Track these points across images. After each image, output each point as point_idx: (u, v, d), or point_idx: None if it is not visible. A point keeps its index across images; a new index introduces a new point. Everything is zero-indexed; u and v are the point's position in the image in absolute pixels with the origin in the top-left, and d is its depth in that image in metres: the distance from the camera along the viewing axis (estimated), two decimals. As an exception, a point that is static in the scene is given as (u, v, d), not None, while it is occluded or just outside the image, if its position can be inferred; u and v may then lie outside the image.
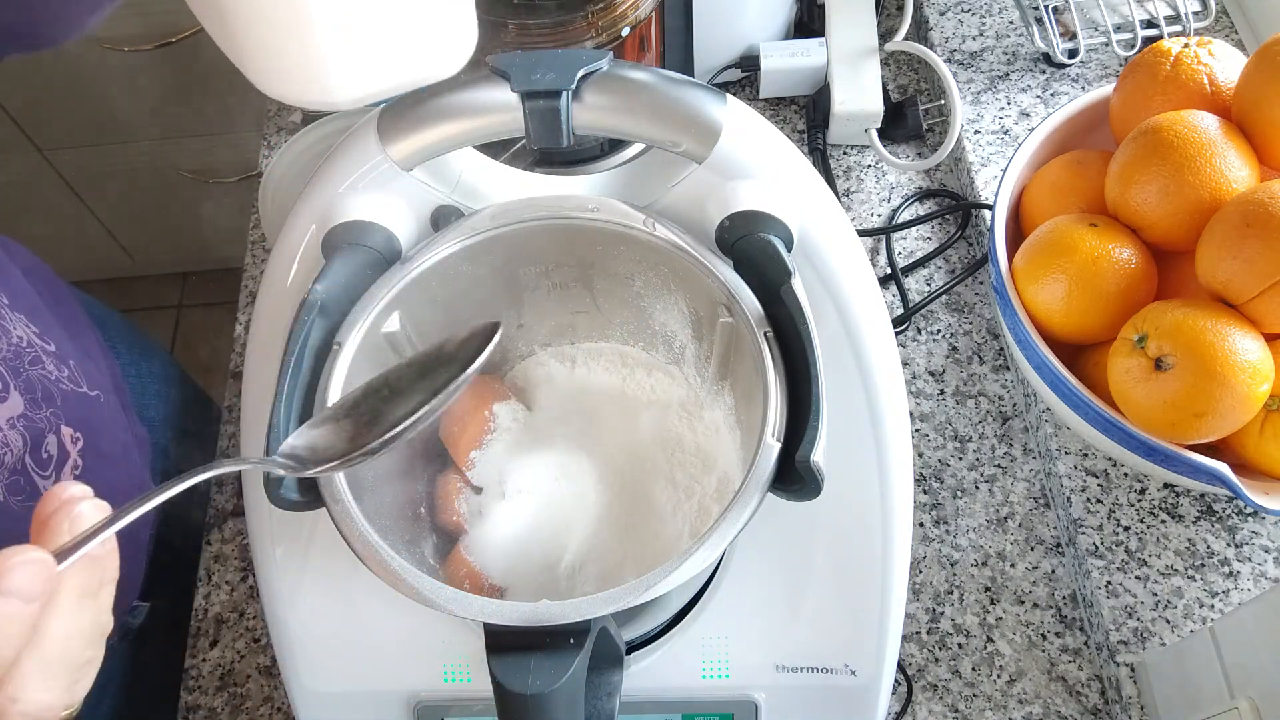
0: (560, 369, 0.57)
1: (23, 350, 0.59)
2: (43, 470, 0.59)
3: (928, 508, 0.70)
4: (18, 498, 0.56)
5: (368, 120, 0.47)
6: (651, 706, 0.55)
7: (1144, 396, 0.57)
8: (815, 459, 0.39)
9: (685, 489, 0.52)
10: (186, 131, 1.51)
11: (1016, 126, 0.84)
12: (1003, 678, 0.65)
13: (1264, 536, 0.64)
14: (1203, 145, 0.59)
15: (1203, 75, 0.64)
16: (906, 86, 0.91)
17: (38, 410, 0.59)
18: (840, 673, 0.54)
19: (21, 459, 0.57)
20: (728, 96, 0.46)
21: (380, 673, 0.54)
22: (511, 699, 0.39)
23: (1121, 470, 0.68)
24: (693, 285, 0.48)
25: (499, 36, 0.56)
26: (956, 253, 0.82)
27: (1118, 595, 0.63)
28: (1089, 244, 0.61)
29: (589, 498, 0.52)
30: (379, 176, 0.47)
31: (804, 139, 0.87)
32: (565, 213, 0.48)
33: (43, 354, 0.61)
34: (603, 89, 0.44)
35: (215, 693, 0.67)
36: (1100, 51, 0.87)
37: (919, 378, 0.76)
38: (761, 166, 0.46)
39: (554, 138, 0.44)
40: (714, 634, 0.53)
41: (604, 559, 0.51)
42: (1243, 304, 0.57)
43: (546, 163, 0.55)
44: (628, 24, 0.57)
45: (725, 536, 0.39)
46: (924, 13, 0.92)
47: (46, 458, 0.59)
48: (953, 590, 0.67)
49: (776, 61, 0.85)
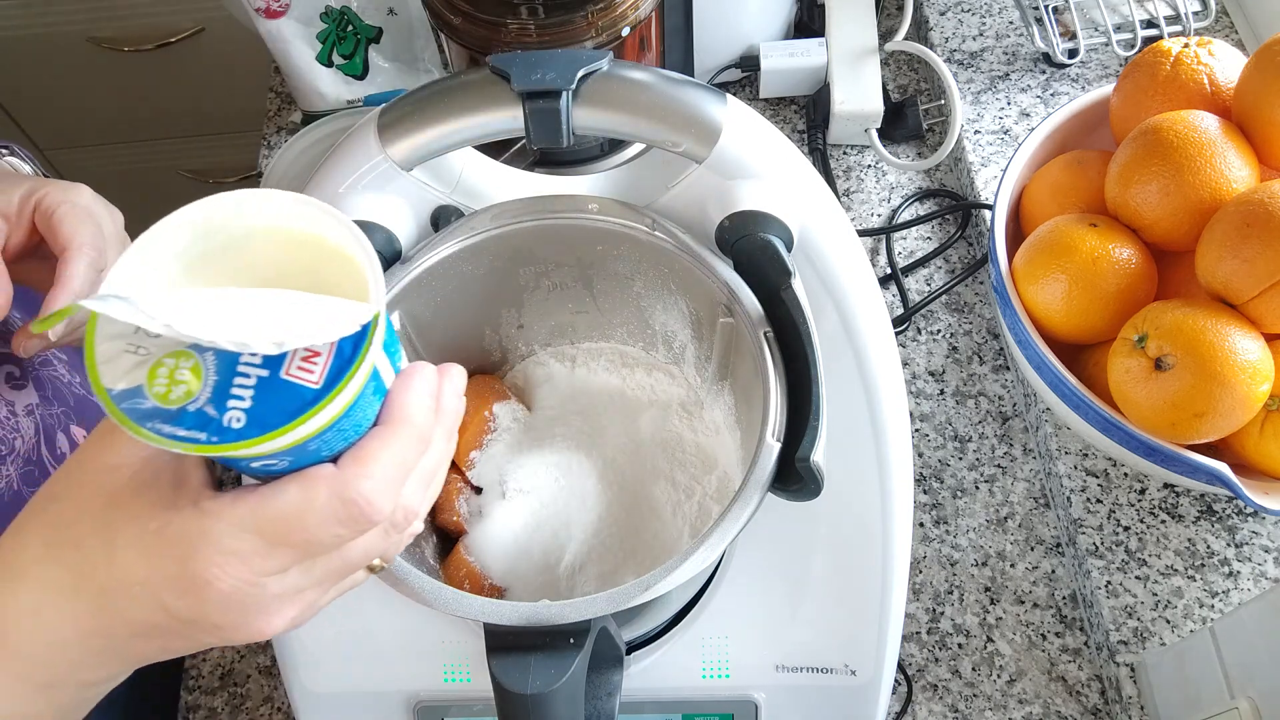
0: (560, 369, 0.57)
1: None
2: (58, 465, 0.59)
3: (928, 508, 0.70)
4: (32, 489, 0.57)
5: (368, 120, 0.47)
6: (651, 706, 0.55)
7: (1144, 396, 0.57)
8: (815, 459, 0.39)
9: (685, 489, 0.52)
10: (186, 131, 1.51)
11: (1016, 126, 0.84)
12: (1003, 678, 0.65)
13: (1264, 536, 0.64)
14: (1203, 145, 0.59)
15: (1203, 75, 0.64)
16: (906, 86, 0.91)
17: (49, 406, 0.59)
18: (840, 673, 0.54)
19: (37, 449, 0.57)
20: (728, 96, 0.46)
21: (380, 673, 0.54)
22: (511, 699, 0.39)
23: (1121, 470, 0.68)
24: (693, 285, 0.48)
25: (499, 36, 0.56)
26: (956, 253, 0.82)
27: (1118, 595, 0.63)
28: (1089, 244, 0.61)
29: (589, 498, 0.52)
30: (379, 176, 0.46)
31: (804, 139, 0.87)
32: (565, 213, 0.48)
33: (53, 358, 0.62)
34: (603, 89, 0.44)
35: (215, 693, 0.67)
36: (1100, 51, 0.87)
37: (919, 378, 0.76)
38: (761, 166, 0.46)
39: (554, 138, 0.44)
40: (714, 634, 0.53)
41: (604, 559, 0.51)
42: (1243, 304, 0.57)
43: (546, 163, 0.55)
44: (628, 24, 0.57)
45: (725, 536, 0.39)
46: (924, 13, 0.92)
47: (61, 454, 0.59)
48: (953, 590, 0.67)
49: (776, 61, 0.85)
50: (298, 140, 0.82)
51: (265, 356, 0.28)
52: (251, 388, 0.27)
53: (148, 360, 0.27)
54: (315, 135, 0.82)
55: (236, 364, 0.27)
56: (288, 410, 0.27)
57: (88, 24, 1.32)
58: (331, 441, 0.29)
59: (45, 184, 0.51)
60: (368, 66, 0.87)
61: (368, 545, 0.32)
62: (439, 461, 0.34)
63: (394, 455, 0.31)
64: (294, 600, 0.31)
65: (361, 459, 0.30)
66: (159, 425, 0.27)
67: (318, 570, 0.31)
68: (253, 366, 0.27)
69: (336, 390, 0.27)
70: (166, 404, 0.27)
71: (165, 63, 1.37)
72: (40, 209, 0.50)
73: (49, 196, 0.50)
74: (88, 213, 0.51)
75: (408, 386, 0.32)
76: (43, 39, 1.33)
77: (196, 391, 0.27)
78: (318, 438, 0.29)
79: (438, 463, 0.34)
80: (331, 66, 0.86)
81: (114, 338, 0.28)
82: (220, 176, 1.57)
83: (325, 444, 0.29)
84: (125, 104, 1.45)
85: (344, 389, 0.27)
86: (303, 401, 0.27)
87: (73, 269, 0.49)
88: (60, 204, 0.50)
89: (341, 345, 0.28)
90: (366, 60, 0.87)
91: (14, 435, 0.56)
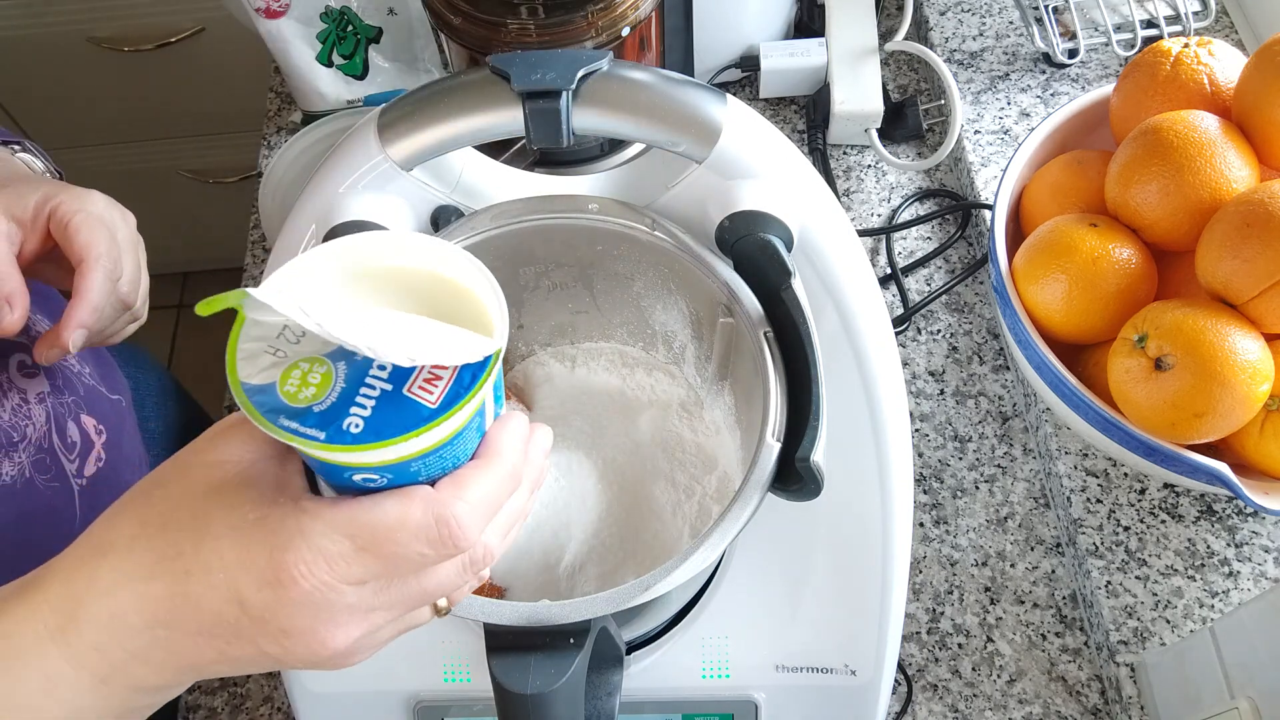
0: (560, 369, 0.57)
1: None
2: (69, 454, 0.60)
3: (928, 508, 0.70)
4: (44, 477, 0.57)
5: (368, 120, 0.47)
6: (651, 706, 0.55)
7: (1144, 396, 0.57)
8: (815, 459, 0.39)
9: (685, 489, 0.52)
10: (186, 131, 1.51)
11: (1016, 126, 0.84)
12: (1003, 678, 0.65)
13: (1264, 536, 0.64)
14: (1203, 145, 0.59)
15: (1203, 75, 0.64)
16: (906, 86, 0.91)
17: (60, 396, 0.60)
18: (840, 673, 0.54)
19: (48, 436, 0.57)
20: (728, 96, 0.46)
21: (380, 673, 0.54)
22: (511, 699, 0.39)
23: (1121, 470, 0.68)
24: (693, 285, 0.48)
25: (499, 36, 0.56)
26: (956, 253, 0.82)
27: (1118, 595, 0.63)
28: (1089, 244, 0.61)
29: (589, 498, 0.52)
30: (379, 177, 0.47)
31: (804, 139, 0.87)
32: (565, 213, 0.48)
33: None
34: (603, 89, 0.44)
35: (215, 693, 0.67)
36: (1100, 51, 0.87)
37: (919, 378, 0.76)
38: (761, 166, 0.46)
39: (554, 138, 0.44)
40: (714, 634, 0.53)
41: (604, 559, 0.51)
42: (1243, 304, 0.57)
43: (546, 163, 0.55)
44: (628, 24, 0.57)
45: (725, 536, 0.39)
46: (924, 13, 0.92)
47: (71, 443, 0.60)
48: (953, 590, 0.67)
49: (776, 61, 0.85)
50: (298, 140, 0.82)
51: (391, 372, 0.30)
52: (374, 399, 0.29)
53: (284, 363, 0.30)
54: (315, 135, 0.82)
55: (365, 376, 0.30)
56: (404, 424, 0.29)
57: (88, 24, 1.32)
58: (432, 465, 0.31)
59: (59, 190, 0.52)
60: (368, 66, 0.87)
61: (444, 578, 0.33)
62: (520, 509, 0.35)
63: (487, 486, 0.32)
64: (363, 618, 0.32)
65: (459, 483, 0.31)
66: (282, 419, 0.29)
67: (393, 592, 0.32)
68: (379, 380, 0.30)
69: (452, 411, 0.29)
70: (293, 402, 0.29)
71: (165, 63, 1.37)
72: (55, 217, 0.51)
73: (64, 205, 0.51)
74: (101, 221, 0.52)
75: (504, 427, 0.33)
76: (43, 39, 1.33)
77: (323, 395, 0.29)
78: (422, 458, 0.30)
79: (519, 510, 0.35)
80: (331, 66, 0.86)
81: (257, 339, 0.30)
82: (220, 176, 1.57)
83: (426, 467, 0.31)
84: (125, 104, 1.45)
85: (459, 411, 0.29)
86: (419, 418, 0.29)
87: (90, 280, 0.51)
88: (75, 213, 0.51)
89: (461, 373, 0.30)
90: (366, 60, 0.87)
91: (26, 423, 0.56)
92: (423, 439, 0.29)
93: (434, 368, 0.30)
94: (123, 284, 0.54)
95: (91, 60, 1.36)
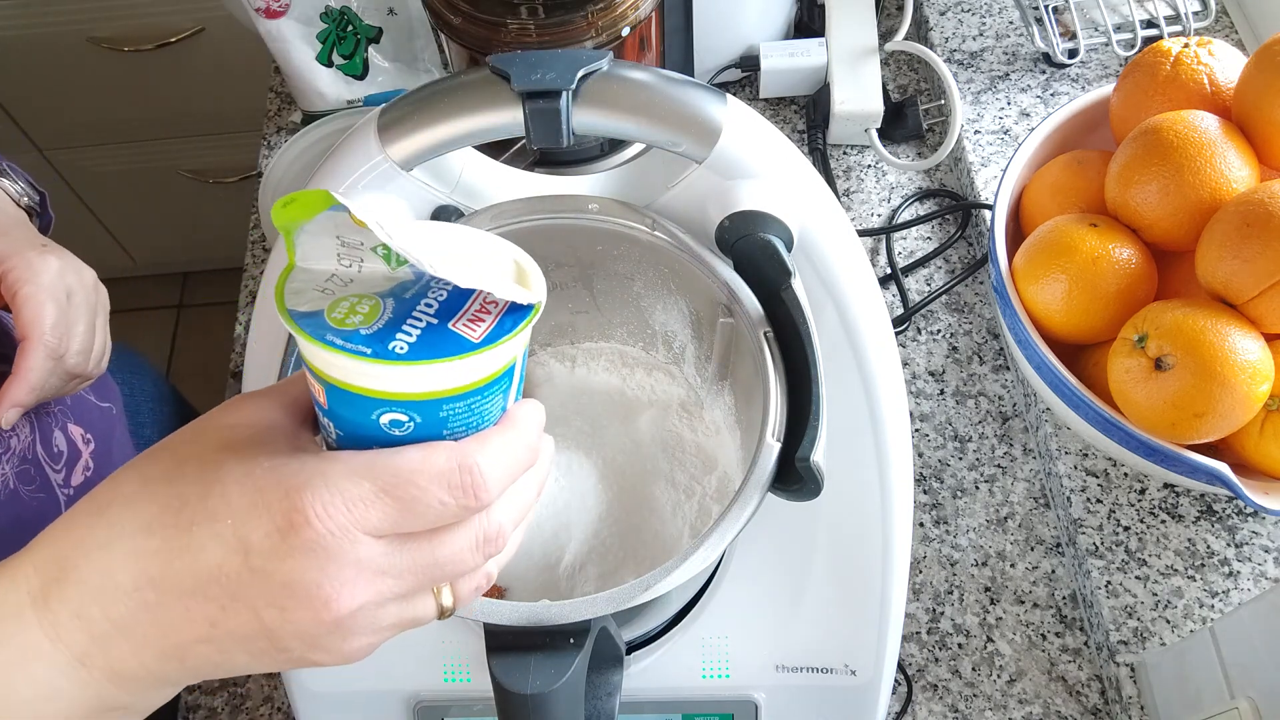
0: (560, 369, 0.57)
1: None
2: (55, 464, 0.59)
3: (928, 508, 0.70)
4: (28, 487, 0.57)
5: (368, 120, 0.47)
6: (651, 706, 0.55)
7: (1144, 396, 0.57)
8: (815, 459, 0.39)
9: (685, 489, 0.52)
10: (186, 131, 1.51)
11: (1016, 126, 0.84)
12: (1003, 678, 0.65)
13: (1264, 536, 0.64)
14: (1203, 145, 0.59)
15: (1203, 75, 0.64)
16: (906, 86, 0.91)
17: (46, 406, 0.59)
18: (840, 673, 0.54)
19: (32, 447, 0.57)
20: (728, 96, 0.46)
21: (380, 673, 0.54)
22: (511, 699, 0.39)
23: (1121, 470, 0.68)
24: (693, 285, 0.48)
25: (499, 36, 0.56)
26: (956, 253, 0.82)
27: (1118, 595, 0.63)
28: (1089, 244, 0.61)
29: (589, 498, 0.52)
30: (379, 176, 0.46)
31: (804, 139, 0.87)
32: (565, 213, 0.48)
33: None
34: (603, 89, 0.44)
35: (215, 693, 0.67)
36: (1100, 51, 0.87)
37: (919, 378, 0.76)
38: (761, 166, 0.46)
39: (554, 138, 0.44)
40: (714, 634, 0.53)
41: (604, 559, 0.51)
42: (1243, 304, 0.57)
43: (546, 163, 0.55)
44: (628, 24, 0.57)
45: (725, 536, 0.39)
46: (924, 13, 0.92)
47: (58, 452, 0.60)
48: (953, 590, 0.67)
49: (776, 61, 0.85)
50: (298, 140, 0.82)
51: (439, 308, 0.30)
52: (420, 329, 0.30)
53: (332, 297, 0.30)
54: (315, 135, 0.82)
55: (412, 310, 0.30)
56: (447, 349, 0.29)
57: (88, 24, 1.32)
58: (459, 417, 0.31)
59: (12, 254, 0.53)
60: (368, 66, 0.87)
61: (457, 548, 0.32)
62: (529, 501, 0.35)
63: (509, 448, 0.32)
64: (370, 581, 0.30)
65: (482, 438, 0.32)
66: (328, 335, 0.29)
67: (406, 555, 0.31)
68: (425, 314, 0.30)
69: (494, 344, 0.30)
70: (340, 325, 0.29)
71: (165, 63, 1.37)
72: (5, 282, 0.52)
73: (12, 274, 0.52)
74: (50, 294, 0.52)
75: (525, 407, 0.34)
76: (43, 39, 1.34)
77: (371, 322, 0.30)
78: (453, 401, 0.31)
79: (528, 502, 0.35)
80: (331, 66, 0.86)
81: (306, 283, 0.30)
82: (220, 176, 1.57)
83: (454, 415, 0.31)
84: (125, 104, 1.45)
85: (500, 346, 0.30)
86: (462, 346, 0.30)
87: (29, 361, 0.51)
88: (24, 284, 0.52)
89: (503, 320, 0.31)
90: (366, 60, 0.87)
91: (9, 434, 0.56)
92: (462, 369, 0.30)
93: (479, 310, 0.31)
94: (70, 356, 0.54)
95: (91, 60, 1.37)
